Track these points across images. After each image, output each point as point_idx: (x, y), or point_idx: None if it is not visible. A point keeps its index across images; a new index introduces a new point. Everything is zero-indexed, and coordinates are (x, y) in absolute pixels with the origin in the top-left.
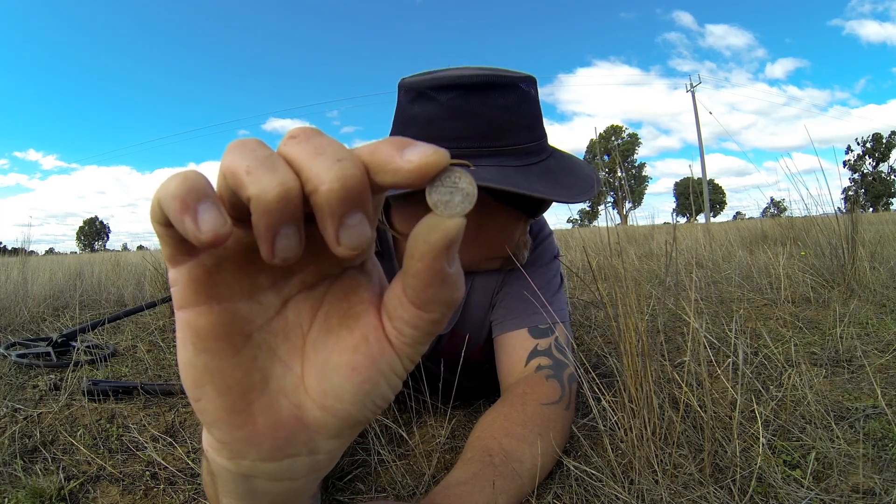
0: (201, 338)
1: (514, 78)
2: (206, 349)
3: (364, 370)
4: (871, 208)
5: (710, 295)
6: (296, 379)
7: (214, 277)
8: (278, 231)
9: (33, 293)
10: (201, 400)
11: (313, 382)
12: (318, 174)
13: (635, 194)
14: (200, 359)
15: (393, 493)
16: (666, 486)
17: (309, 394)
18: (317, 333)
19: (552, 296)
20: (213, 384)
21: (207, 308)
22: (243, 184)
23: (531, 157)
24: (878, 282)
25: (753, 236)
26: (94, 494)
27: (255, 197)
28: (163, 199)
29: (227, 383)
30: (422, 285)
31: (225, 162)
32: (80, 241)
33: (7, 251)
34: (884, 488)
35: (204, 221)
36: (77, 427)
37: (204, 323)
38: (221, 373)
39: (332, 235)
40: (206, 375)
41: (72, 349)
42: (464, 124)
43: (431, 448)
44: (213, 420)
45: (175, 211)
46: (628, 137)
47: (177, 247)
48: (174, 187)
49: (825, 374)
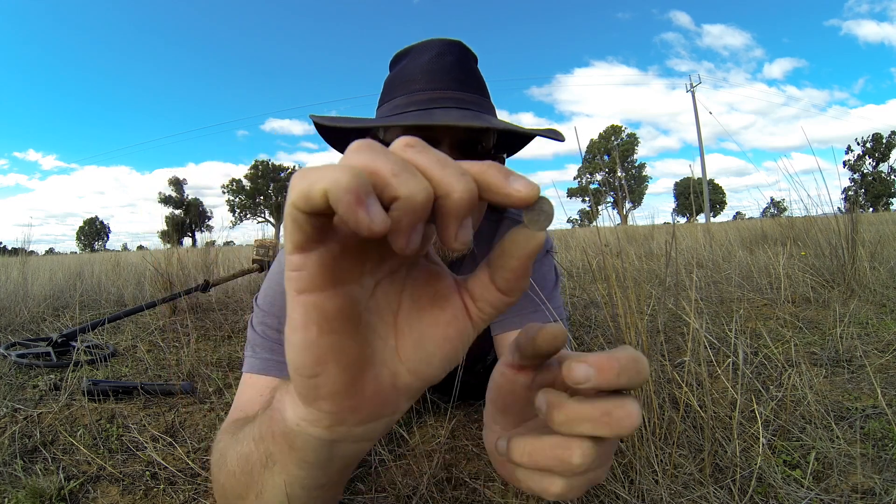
0: (329, 319)
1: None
2: (333, 329)
3: (453, 339)
4: (871, 208)
5: (710, 295)
6: (392, 351)
7: (339, 263)
8: (416, 227)
9: (33, 293)
10: (319, 376)
11: (408, 352)
12: (450, 183)
13: (635, 194)
14: (326, 339)
15: (393, 493)
16: (666, 486)
17: (403, 362)
18: (408, 311)
19: (549, 293)
20: (335, 361)
21: (333, 292)
22: (391, 185)
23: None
24: (878, 282)
25: (753, 236)
26: (94, 494)
27: (405, 197)
28: (333, 191)
29: (348, 360)
30: (514, 277)
31: (360, 161)
32: (80, 241)
33: (7, 251)
34: (884, 488)
35: (375, 214)
36: (77, 427)
37: (331, 305)
38: (344, 350)
39: (453, 233)
40: (330, 353)
41: (72, 349)
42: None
43: (431, 448)
44: (328, 394)
45: (348, 204)
46: (628, 137)
47: (312, 234)
48: (348, 181)
49: (825, 374)
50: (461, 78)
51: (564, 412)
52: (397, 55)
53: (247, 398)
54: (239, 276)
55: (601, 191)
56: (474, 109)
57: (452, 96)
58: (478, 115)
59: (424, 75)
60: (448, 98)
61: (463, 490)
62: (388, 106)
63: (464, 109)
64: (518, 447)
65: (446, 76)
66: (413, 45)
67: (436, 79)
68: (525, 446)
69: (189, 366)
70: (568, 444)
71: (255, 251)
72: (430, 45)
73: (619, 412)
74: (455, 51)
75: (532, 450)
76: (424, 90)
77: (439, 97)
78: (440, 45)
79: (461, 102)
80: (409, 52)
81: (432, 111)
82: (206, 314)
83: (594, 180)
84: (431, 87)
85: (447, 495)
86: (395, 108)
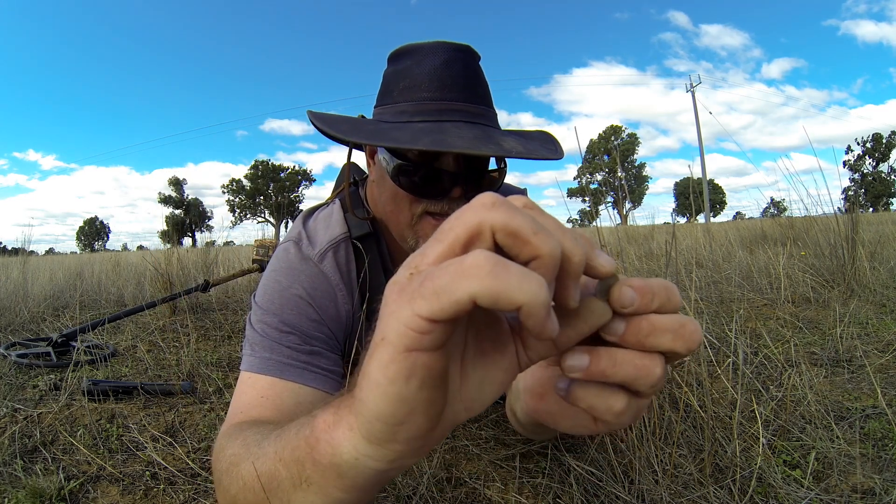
0: (434, 376)
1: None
2: (435, 385)
3: (506, 383)
4: (871, 208)
5: (710, 295)
6: (456, 392)
7: (454, 330)
8: (550, 313)
9: (33, 293)
10: (406, 424)
11: (471, 393)
12: (573, 247)
13: (635, 194)
14: (424, 393)
15: (393, 493)
16: (666, 486)
17: (462, 401)
18: (472, 356)
19: None
20: (425, 412)
21: (443, 352)
22: (532, 243)
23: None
24: (878, 282)
25: (753, 236)
26: (94, 494)
27: (548, 255)
28: (530, 305)
29: (436, 409)
30: (577, 337)
31: (499, 220)
32: (80, 241)
33: (7, 251)
34: (884, 488)
35: (554, 322)
36: (77, 427)
37: (440, 365)
38: (436, 403)
39: (572, 294)
40: (423, 406)
41: (72, 349)
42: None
43: (432, 448)
44: (405, 439)
45: (542, 317)
46: (628, 137)
47: (462, 316)
48: (545, 297)
49: (825, 374)
50: (469, 87)
51: (649, 322)
52: (399, 52)
53: (248, 400)
54: (239, 276)
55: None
56: (483, 123)
57: (461, 108)
58: (487, 133)
59: (433, 83)
60: (457, 111)
61: (463, 490)
62: (391, 109)
63: (473, 124)
64: (604, 357)
65: (455, 86)
66: (417, 45)
67: (444, 87)
68: (611, 355)
69: (189, 366)
70: (651, 356)
71: (255, 251)
72: (437, 48)
73: (690, 326)
74: (463, 57)
75: (619, 359)
76: (433, 99)
77: (447, 108)
78: (448, 50)
79: (470, 116)
80: (412, 52)
81: (442, 126)
82: (206, 314)
83: (594, 180)
84: (438, 98)
85: (447, 495)
86: (400, 114)
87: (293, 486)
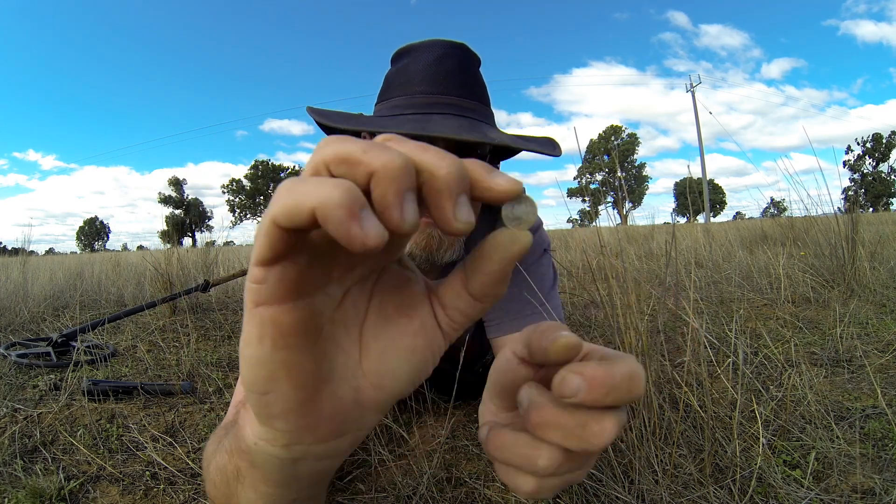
0: (284, 334)
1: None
2: (288, 345)
3: (421, 352)
4: (871, 208)
5: (710, 295)
6: (354, 364)
7: (304, 275)
8: (405, 196)
9: (33, 293)
10: (270, 394)
11: (373, 365)
12: (434, 162)
13: (635, 194)
14: (280, 354)
15: (393, 493)
16: (666, 486)
17: (367, 376)
18: (374, 322)
19: (546, 294)
20: (288, 378)
21: (293, 304)
22: (363, 162)
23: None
24: (878, 282)
25: (753, 236)
26: (94, 494)
27: (382, 166)
28: (322, 208)
29: (302, 377)
30: (491, 282)
31: (329, 152)
32: (80, 241)
33: (7, 251)
34: (884, 488)
35: (370, 227)
36: (77, 427)
37: (289, 319)
38: (299, 367)
39: (451, 212)
40: (283, 370)
41: (72, 349)
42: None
43: (431, 448)
44: (280, 412)
45: (339, 219)
46: (628, 137)
47: (283, 250)
48: (340, 196)
49: (825, 374)
50: (462, 83)
51: (540, 415)
52: (399, 52)
53: (241, 398)
54: (239, 275)
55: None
56: (472, 117)
57: (452, 102)
58: (475, 125)
59: (425, 77)
60: (447, 104)
61: (463, 490)
62: (386, 104)
63: (461, 117)
64: (493, 440)
65: (447, 80)
66: (416, 44)
67: (436, 82)
68: (498, 440)
69: (189, 366)
70: (537, 446)
71: None
72: (433, 45)
73: (593, 427)
74: (458, 54)
75: (503, 445)
76: (424, 93)
77: (438, 102)
78: (443, 47)
79: (460, 109)
80: (411, 50)
81: (430, 117)
82: (206, 314)
83: (594, 180)
84: (431, 91)
85: (447, 495)
86: (393, 108)
87: (235, 479)
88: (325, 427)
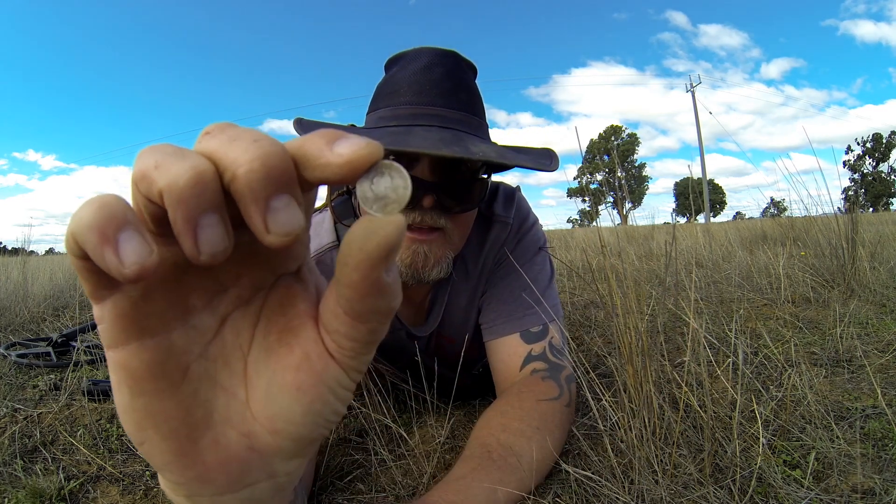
0: (137, 380)
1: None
2: (144, 391)
3: (311, 389)
4: (871, 208)
5: (710, 295)
6: (241, 406)
7: (143, 309)
8: (198, 221)
9: (33, 293)
10: (145, 444)
11: (259, 407)
12: (235, 158)
13: (635, 194)
14: (139, 402)
15: (393, 493)
16: (666, 486)
17: (257, 419)
18: (257, 354)
19: (542, 293)
20: (155, 428)
21: (139, 345)
22: (153, 180)
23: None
24: (878, 282)
25: (753, 236)
26: (94, 494)
27: (167, 187)
28: (77, 232)
29: (169, 426)
30: (357, 296)
31: (135, 168)
32: None
33: (7, 251)
34: (884, 488)
35: (127, 253)
36: (77, 427)
37: (137, 363)
38: (163, 415)
39: (259, 222)
40: (147, 419)
41: (72, 349)
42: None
43: (431, 448)
44: (161, 464)
45: (93, 245)
46: (628, 137)
47: (98, 281)
48: (89, 217)
49: (825, 374)
50: (449, 93)
51: None
52: (390, 60)
53: None
54: None
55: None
56: (457, 129)
57: (436, 113)
58: (459, 137)
59: (410, 87)
60: (431, 115)
61: None
62: (373, 116)
63: (445, 129)
64: None
65: (432, 90)
66: (406, 52)
67: (422, 92)
68: None
69: None
70: None
71: None
72: (420, 54)
73: None
74: (445, 62)
75: None
76: (409, 104)
77: (422, 113)
78: (430, 55)
79: (444, 121)
80: (401, 58)
81: (412, 129)
82: None
83: (594, 180)
84: (415, 102)
85: None
86: (378, 119)
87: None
88: (220, 478)
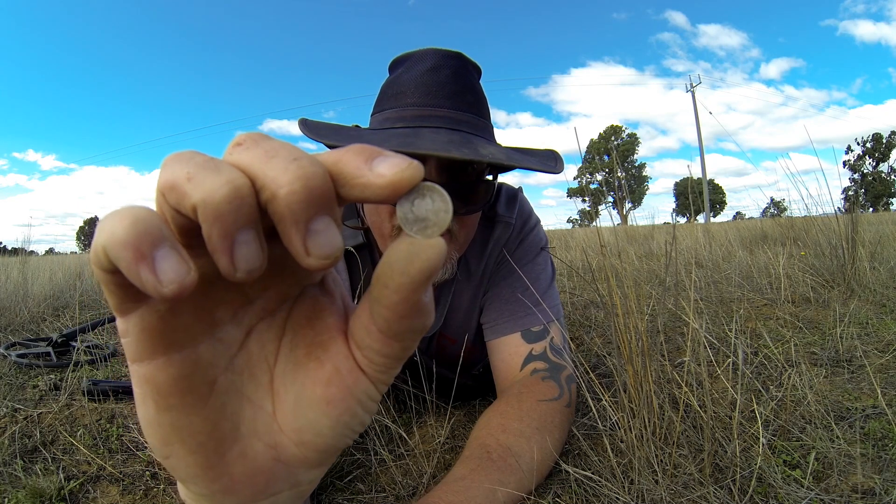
0: (163, 394)
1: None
2: (170, 406)
3: (340, 402)
4: (871, 208)
5: (710, 295)
6: (268, 417)
7: (170, 323)
8: (235, 238)
9: (33, 293)
10: (171, 458)
11: (287, 419)
12: (275, 177)
13: (635, 195)
14: (165, 417)
15: (393, 493)
16: (666, 486)
17: (284, 431)
18: (284, 367)
19: (543, 293)
20: (181, 442)
21: (166, 360)
22: (185, 193)
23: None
24: (878, 282)
25: (753, 236)
26: (94, 494)
27: (202, 201)
28: (110, 248)
29: (197, 440)
30: (396, 317)
31: (162, 177)
32: (80, 241)
33: (7, 251)
34: (884, 488)
35: (165, 271)
36: (77, 427)
37: (164, 378)
38: (190, 429)
39: (300, 245)
40: (174, 434)
41: (72, 349)
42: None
43: (431, 448)
44: (186, 476)
45: (128, 262)
46: (628, 137)
47: (125, 295)
48: (123, 233)
49: (825, 374)
50: (456, 94)
51: None
52: (395, 61)
53: None
54: None
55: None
56: (465, 131)
57: (443, 114)
58: (467, 139)
59: (417, 89)
60: (438, 116)
61: None
62: (379, 117)
63: (453, 131)
64: None
65: (439, 92)
66: (412, 53)
67: (429, 93)
68: None
69: None
70: None
71: None
72: (426, 55)
73: None
74: (452, 64)
75: None
76: (416, 105)
77: (429, 115)
78: (436, 57)
79: (452, 122)
80: (406, 59)
81: (419, 131)
82: None
83: (594, 180)
84: (422, 103)
85: None
86: (384, 121)
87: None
88: (246, 490)
